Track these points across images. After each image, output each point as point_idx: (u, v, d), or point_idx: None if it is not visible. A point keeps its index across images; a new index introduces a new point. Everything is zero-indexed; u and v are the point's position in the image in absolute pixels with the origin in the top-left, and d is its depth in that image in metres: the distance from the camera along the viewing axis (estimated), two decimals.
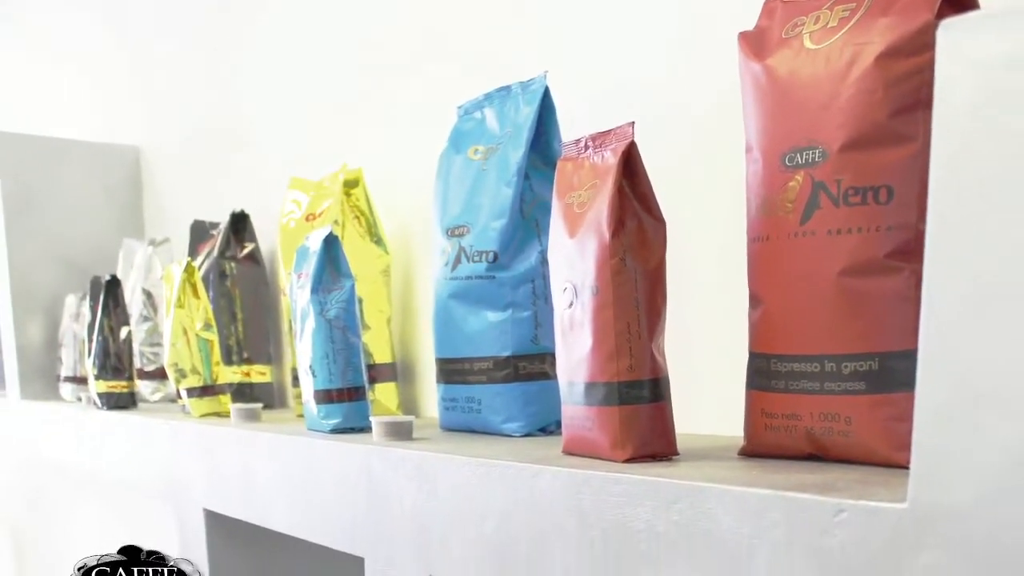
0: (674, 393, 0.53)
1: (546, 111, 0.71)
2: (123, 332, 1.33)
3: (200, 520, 0.97)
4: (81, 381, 1.56)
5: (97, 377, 1.31)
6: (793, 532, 0.38)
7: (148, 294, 1.43)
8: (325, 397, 0.78)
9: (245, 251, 1.26)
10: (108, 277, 1.33)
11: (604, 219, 0.51)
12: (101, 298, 1.32)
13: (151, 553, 1.00)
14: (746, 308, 0.52)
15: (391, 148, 1.04)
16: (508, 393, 0.70)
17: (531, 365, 0.70)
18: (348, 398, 0.78)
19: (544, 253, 0.69)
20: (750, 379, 0.52)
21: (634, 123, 0.52)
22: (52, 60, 2.21)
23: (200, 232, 1.34)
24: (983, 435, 0.31)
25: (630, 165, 0.52)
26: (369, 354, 0.95)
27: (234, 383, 1.19)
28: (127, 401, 1.32)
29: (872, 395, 0.45)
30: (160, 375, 1.39)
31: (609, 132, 0.54)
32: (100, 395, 1.31)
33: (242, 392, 1.20)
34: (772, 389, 0.50)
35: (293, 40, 1.23)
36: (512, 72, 0.75)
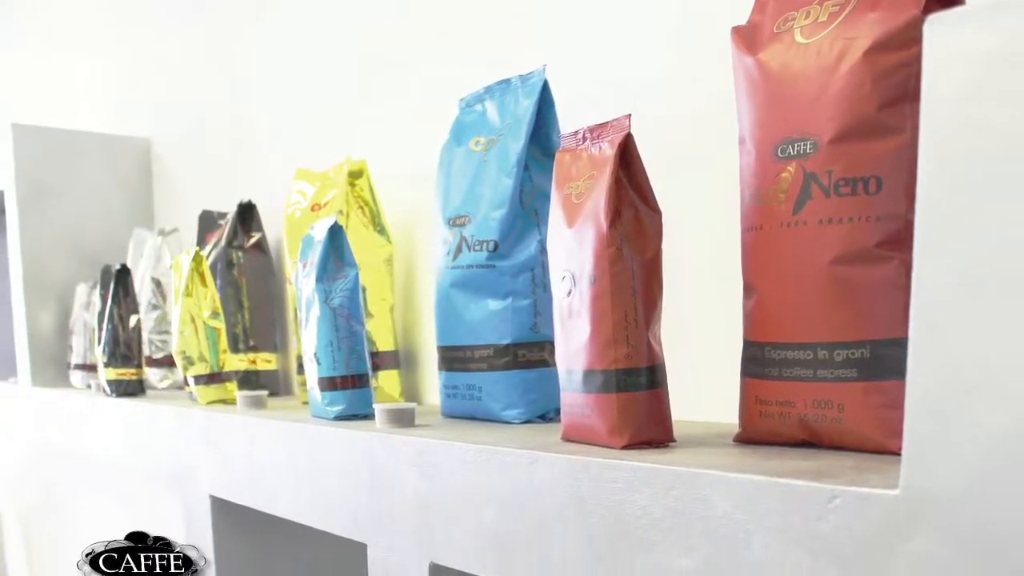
0: (670, 380, 0.53)
1: (545, 104, 0.72)
2: (132, 320, 1.34)
3: (206, 506, 0.98)
4: (91, 368, 1.58)
5: (107, 365, 1.32)
6: (788, 518, 0.38)
7: (157, 283, 1.44)
8: (329, 384, 0.79)
9: (252, 240, 1.27)
10: (118, 266, 1.34)
11: (601, 209, 0.51)
12: (111, 287, 1.33)
13: (158, 539, 1.01)
14: (740, 297, 0.52)
15: (394, 140, 1.05)
16: (508, 380, 0.70)
17: (530, 353, 0.70)
18: (352, 385, 0.79)
19: (543, 242, 0.70)
20: (744, 367, 0.52)
21: (630, 115, 0.52)
22: (66, 54, 2.22)
23: (208, 222, 1.35)
24: (973, 422, 0.31)
25: (627, 156, 0.52)
26: (372, 342, 0.95)
27: (240, 370, 1.20)
28: (136, 388, 1.33)
29: (864, 382, 0.45)
30: (168, 362, 1.40)
31: (606, 124, 0.54)
32: (109, 382, 1.32)
33: (248, 379, 1.21)
34: (766, 377, 0.50)
35: (300, 36, 1.24)
36: (512, 67, 0.75)
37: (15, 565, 2.25)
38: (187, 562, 1.00)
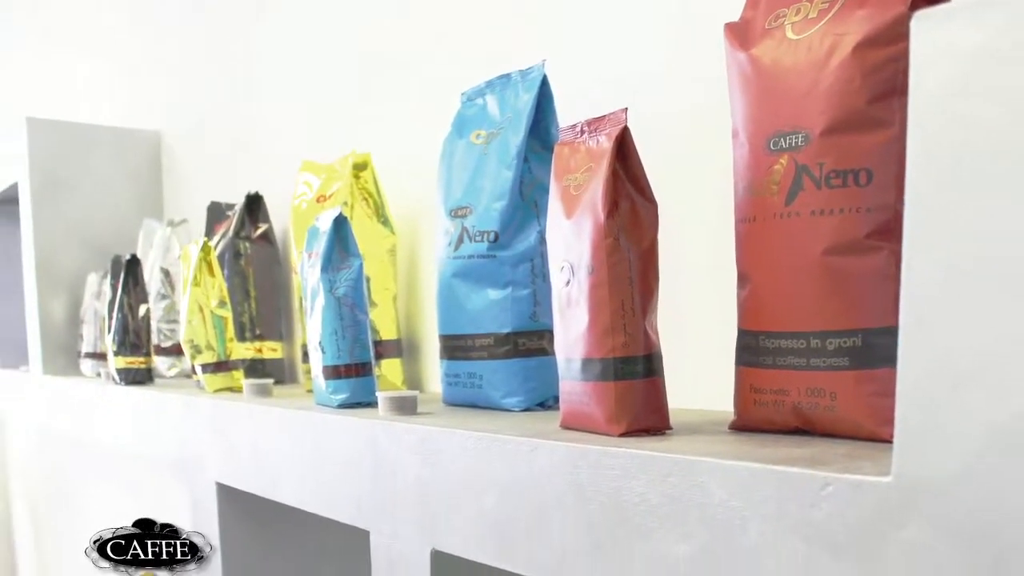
0: (667, 369, 0.54)
1: (544, 98, 0.72)
2: (142, 310, 1.35)
3: (212, 493, 0.99)
4: (101, 357, 1.59)
5: (116, 353, 1.33)
6: (782, 504, 0.38)
7: (166, 272, 1.45)
8: (333, 373, 0.80)
9: (259, 231, 1.28)
10: (128, 256, 1.36)
11: (599, 201, 0.52)
12: (121, 276, 1.34)
13: (165, 526, 1.02)
14: (735, 287, 0.53)
15: (398, 133, 1.05)
16: (508, 369, 0.71)
17: (530, 341, 0.71)
18: (355, 374, 0.79)
19: (542, 233, 0.70)
20: (739, 355, 0.53)
21: (627, 109, 0.53)
22: (77, 49, 2.24)
23: (216, 213, 1.36)
24: (963, 411, 0.32)
25: (623, 149, 0.52)
26: (376, 331, 0.96)
27: (247, 359, 1.21)
28: (144, 377, 1.35)
29: (856, 371, 0.46)
30: (176, 351, 1.41)
31: (604, 117, 0.54)
32: (119, 371, 1.34)
33: (254, 368, 1.22)
34: (760, 365, 0.51)
35: (306, 31, 1.25)
36: (512, 65, 0.76)
37: (24, 551, 2.27)
38: (193, 548, 1.01)
